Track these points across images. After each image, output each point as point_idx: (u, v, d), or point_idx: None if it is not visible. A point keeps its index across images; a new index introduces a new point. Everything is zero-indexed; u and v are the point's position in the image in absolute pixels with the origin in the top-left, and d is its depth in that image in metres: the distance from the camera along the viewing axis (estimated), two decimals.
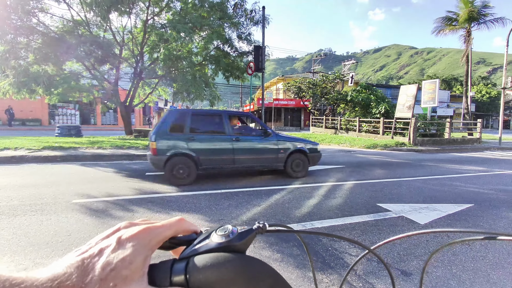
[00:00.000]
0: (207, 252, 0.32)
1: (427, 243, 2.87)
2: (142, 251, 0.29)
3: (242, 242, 0.34)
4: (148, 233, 0.31)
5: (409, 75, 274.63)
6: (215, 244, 0.33)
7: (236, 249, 0.33)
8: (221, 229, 0.35)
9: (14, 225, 3.06)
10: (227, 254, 0.32)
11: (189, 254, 0.32)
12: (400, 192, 4.95)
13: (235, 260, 0.31)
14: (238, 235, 0.34)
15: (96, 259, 0.28)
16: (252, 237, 0.35)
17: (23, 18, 9.67)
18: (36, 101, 22.18)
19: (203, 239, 0.34)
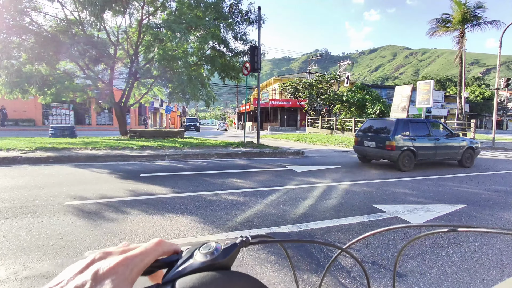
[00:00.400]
0: (192, 272, 0.31)
1: (421, 244, 2.88)
2: (123, 285, 0.26)
3: (227, 258, 0.33)
4: (127, 264, 0.28)
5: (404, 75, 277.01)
6: (199, 263, 0.32)
7: (222, 266, 0.32)
8: (204, 246, 0.34)
9: (5, 228, 3.01)
10: (213, 273, 0.31)
11: (173, 277, 0.30)
12: (395, 193, 4.97)
13: (222, 278, 0.30)
14: (223, 251, 0.33)
15: None
16: (237, 251, 0.34)
17: (16, 17, 9.55)
18: (29, 101, 21.94)
19: (186, 259, 0.33)
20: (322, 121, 22.84)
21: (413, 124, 7.71)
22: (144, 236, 2.85)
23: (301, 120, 37.09)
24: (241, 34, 12.74)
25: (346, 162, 8.59)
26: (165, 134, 13.87)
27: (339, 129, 20.07)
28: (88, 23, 11.62)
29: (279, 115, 38.53)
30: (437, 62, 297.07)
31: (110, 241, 2.77)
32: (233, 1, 12.33)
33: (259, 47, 11.40)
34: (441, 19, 20.77)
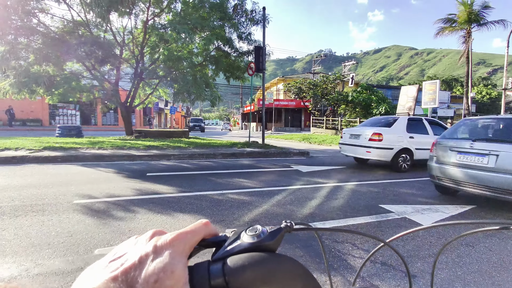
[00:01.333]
0: (240, 252, 0.32)
1: (431, 245, 2.86)
2: (180, 258, 0.28)
3: (273, 241, 0.34)
4: (182, 239, 0.30)
5: (409, 76, 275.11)
6: (247, 244, 0.32)
7: (268, 248, 0.33)
8: (250, 229, 0.35)
9: (16, 226, 3.05)
10: (262, 254, 0.32)
11: (223, 255, 0.32)
12: (402, 193, 4.93)
13: (271, 258, 0.31)
14: (269, 234, 0.34)
15: (137, 271, 0.26)
16: (282, 235, 0.35)
17: (24, 19, 9.68)
18: (37, 101, 22.22)
19: (233, 240, 0.34)
20: (326, 122, 22.76)
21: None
22: None
23: (306, 121, 36.99)
24: (245, 34, 12.75)
25: (352, 163, 8.55)
26: (170, 135, 13.95)
27: None
28: (94, 24, 11.74)
29: (283, 115, 38.50)
30: (442, 62, 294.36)
31: (119, 239, 2.79)
32: (238, 1, 12.36)
33: (264, 47, 11.40)
34: (447, 19, 20.60)
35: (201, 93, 12.52)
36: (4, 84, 10.21)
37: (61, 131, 12.89)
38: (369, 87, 22.06)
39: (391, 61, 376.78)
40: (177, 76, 11.81)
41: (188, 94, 12.66)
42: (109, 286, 0.25)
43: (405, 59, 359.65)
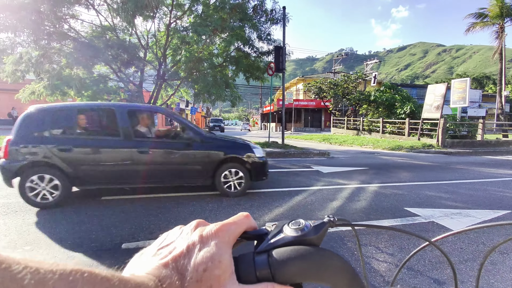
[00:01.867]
0: (285, 245, 0.32)
1: (461, 251, 2.71)
2: (226, 248, 0.29)
3: (317, 235, 0.33)
4: (226, 230, 0.31)
5: (436, 74, 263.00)
6: (291, 237, 0.32)
7: (311, 242, 0.32)
8: (293, 222, 0.34)
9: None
10: (307, 247, 0.31)
11: (267, 248, 0.32)
12: (429, 196, 4.71)
13: (316, 253, 0.31)
14: (313, 228, 0.33)
15: (186, 260, 0.27)
16: (325, 230, 0.34)
17: (56, 24, 10.26)
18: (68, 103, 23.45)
19: (276, 233, 0.34)
20: (347, 122, 22.25)
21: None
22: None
23: (326, 121, 36.39)
24: (265, 34, 12.75)
25: (374, 164, 8.29)
26: None
27: (366, 130, 19.43)
28: (120, 29, 12.23)
29: (303, 116, 38.11)
30: (473, 59, 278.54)
31: (143, 236, 2.87)
32: (258, 2, 12.38)
33: (284, 46, 11.35)
34: (478, 14, 19.48)
35: (221, 94, 12.66)
36: (38, 86, 10.89)
37: None
38: (392, 86, 21.29)
39: (417, 59, 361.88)
40: (198, 77, 12.03)
41: (209, 95, 12.85)
42: (161, 272, 0.26)
43: (431, 56, 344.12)
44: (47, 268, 0.19)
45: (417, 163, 8.66)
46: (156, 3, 9.60)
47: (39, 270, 0.19)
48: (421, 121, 14.16)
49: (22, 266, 0.18)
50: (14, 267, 0.18)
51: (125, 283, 0.22)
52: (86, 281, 0.20)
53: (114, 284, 0.21)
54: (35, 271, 0.18)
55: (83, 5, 11.00)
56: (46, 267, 0.19)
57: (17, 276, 0.18)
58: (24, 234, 2.83)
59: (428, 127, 14.15)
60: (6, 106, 23.82)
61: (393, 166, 8.05)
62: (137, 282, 0.23)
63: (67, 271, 0.20)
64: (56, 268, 0.20)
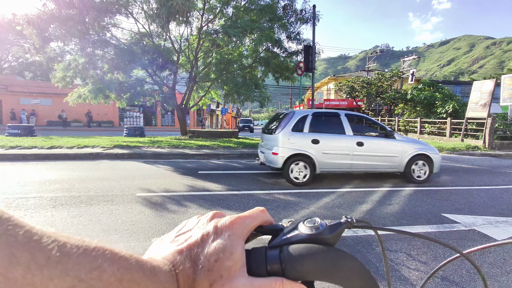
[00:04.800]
0: (298, 242, 0.32)
1: (504, 262, 2.47)
2: (238, 241, 0.30)
3: (333, 235, 0.32)
4: (240, 223, 0.32)
5: (484, 69, 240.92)
6: (305, 235, 0.32)
7: (326, 241, 0.32)
8: (309, 220, 0.34)
9: (90, 213, 3.53)
10: (321, 246, 0.31)
11: (280, 243, 0.32)
12: (472, 202, 4.35)
13: (330, 252, 0.31)
14: (328, 227, 0.33)
15: (200, 249, 0.29)
16: (341, 231, 0.33)
17: (99, 33, 11.12)
18: (109, 105, 25.20)
19: (291, 230, 0.34)
20: (382, 122, 21.25)
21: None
22: None
23: None
24: (294, 34, 12.66)
25: None
26: (220, 135, 14.56)
27: (402, 131, 18.40)
28: (156, 34, 12.90)
29: None
30: None
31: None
32: (287, 2, 12.33)
33: (313, 46, 11.17)
34: None
35: (250, 94, 12.81)
36: (84, 90, 11.87)
37: (127, 132, 14.47)
38: (432, 83, 19.90)
39: (461, 54, 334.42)
40: (228, 79, 12.28)
41: (238, 96, 13.07)
42: (176, 258, 0.28)
43: (479, 50, 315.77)
44: (73, 243, 0.21)
45: (459, 165, 8.02)
46: (188, 8, 9.97)
47: (66, 244, 0.21)
48: (465, 121, 13.07)
49: (52, 239, 0.20)
50: (44, 239, 0.20)
51: (142, 264, 0.25)
52: (107, 258, 0.22)
53: (132, 264, 0.24)
54: (62, 245, 0.21)
55: (123, 14, 11.76)
56: (73, 242, 0.21)
57: (45, 248, 0.20)
58: (68, 225, 3.12)
59: (473, 127, 13.03)
60: (57, 109, 26.20)
61: None
62: (153, 264, 0.26)
63: (91, 247, 0.22)
64: (82, 244, 0.22)
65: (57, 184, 4.88)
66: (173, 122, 31.11)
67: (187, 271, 0.27)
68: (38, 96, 26.77)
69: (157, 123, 31.06)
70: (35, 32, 9.22)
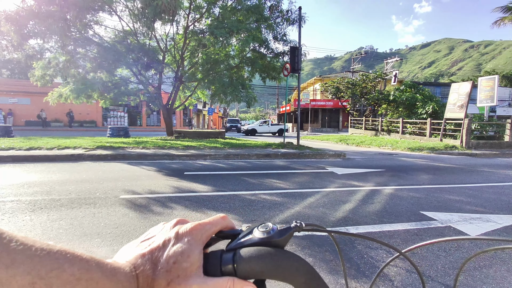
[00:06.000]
0: (251, 245, 0.36)
1: (477, 257, 2.60)
2: (197, 245, 0.34)
3: (282, 238, 0.37)
4: (200, 229, 0.35)
5: (463, 71, 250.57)
6: (257, 238, 0.36)
7: (276, 244, 0.36)
8: (262, 226, 0.38)
9: (71, 216, 3.44)
10: (269, 248, 0.35)
11: (235, 246, 0.36)
12: (449, 200, 4.55)
13: (277, 253, 0.35)
14: (278, 232, 0.37)
15: (161, 252, 0.32)
16: (291, 234, 0.38)
17: (81, 30, 10.81)
18: (92, 105, 24.51)
19: (246, 234, 0.38)
20: (366, 122, 21.74)
21: None
22: None
23: (343, 121, 35.71)
24: (281, 34, 12.77)
25: (392, 165, 8.07)
26: (207, 135, 14.48)
27: (385, 131, 18.90)
28: (141, 33, 12.68)
29: (320, 116, 37.61)
30: (503, 55, 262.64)
31: None
32: (274, 2, 12.41)
33: (299, 47, 11.30)
34: (507, 7, 18.39)
35: (237, 94, 12.82)
36: (65, 90, 11.51)
37: (111, 132, 14.14)
38: (414, 85, 20.56)
39: (442, 56, 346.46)
40: (214, 79, 12.24)
41: (224, 96, 13.05)
42: (137, 260, 0.31)
43: (458, 53, 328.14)
44: (38, 246, 0.25)
45: (438, 164, 8.34)
46: (174, 7, 9.86)
47: (31, 248, 0.24)
48: (443, 122, 13.59)
49: (19, 243, 0.23)
50: (12, 244, 0.23)
51: (102, 265, 0.28)
52: (68, 259, 0.25)
53: (91, 265, 0.27)
54: (28, 248, 0.24)
55: (107, 12, 11.49)
56: (38, 245, 0.25)
57: (12, 250, 0.23)
58: (47, 230, 3.04)
59: (451, 127, 13.56)
60: (36, 109, 25.24)
61: (412, 167, 7.80)
62: (114, 266, 0.29)
63: (54, 250, 0.25)
64: (46, 247, 0.25)
65: (36, 187, 4.73)
66: (159, 122, 30.64)
67: (147, 271, 0.30)
68: (16, 95, 25.72)
69: (143, 124, 30.49)
70: (13, 29, 8.86)
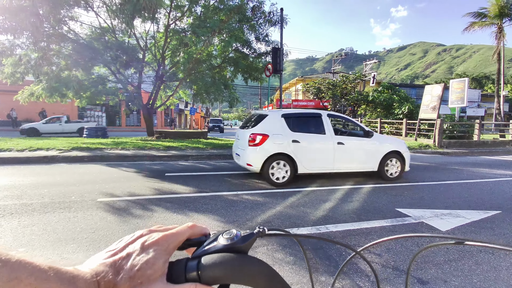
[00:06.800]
0: (215, 252, 0.37)
1: (447, 251, 2.76)
2: (162, 255, 0.35)
3: (245, 244, 0.39)
4: (166, 240, 0.37)
5: (436, 73, 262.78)
6: (221, 245, 0.38)
7: (240, 250, 0.38)
8: (226, 232, 0.40)
9: (44, 221, 3.30)
10: (231, 254, 0.37)
11: (200, 254, 0.38)
12: (422, 197, 4.77)
13: (238, 259, 0.37)
14: (241, 238, 0.39)
15: (125, 261, 0.34)
16: (253, 240, 0.40)
17: (55, 26, 10.32)
18: (67, 104, 23.47)
19: (211, 241, 0.39)
20: None
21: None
22: None
23: None
24: (263, 35, 12.82)
25: None
26: (189, 135, 14.29)
27: None
28: (119, 30, 12.29)
29: None
30: (473, 58, 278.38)
31: None
32: (256, 3, 12.44)
33: (281, 48, 11.40)
34: (477, 13, 19.52)
35: (220, 94, 12.74)
36: (37, 88, 10.95)
37: (88, 132, 13.60)
38: (390, 86, 21.36)
39: (417, 59, 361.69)
40: (196, 78, 12.09)
41: (207, 95, 12.92)
42: (100, 268, 0.32)
43: (431, 56, 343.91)
44: None
45: (413, 163, 8.71)
46: (155, 5, 9.64)
47: None
48: (418, 122, 14.21)
49: None
50: None
51: (61, 274, 0.29)
52: (26, 269, 0.26)
53: (49, 275, 0.28)
54: None
55: (82, 7, 11.05)
56: None
57: None
58: (19, 236, 2.89)
59: (425, 127, 14.20)
60: (5, 107, 23.84)
61: None
62: (74, 274, 0.30)
63: (13, 260, 0.26)
64: (5, 257, 0.25)
65: (6, 191, 4.48)
66: (139, 122, 29.84)
67: (109, 278, 0.32)
68: None
69: (122, 123, 29.58)
70: None
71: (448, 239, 0.45)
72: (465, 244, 0.43)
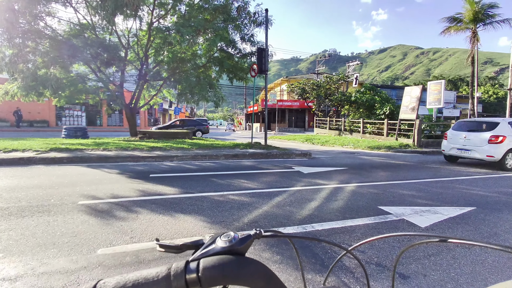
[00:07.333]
0: (214, 254, 0.38)
1: (427, 247, 2.89)
2: None
3: (243, 246, 0.40)
4: None
5: (415, 75, 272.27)
6: (220, 248, 0.39)
7: (238, 252, 0.39)
8: (224, 235, 0.41)
9: (22, 226, 3.16)
10: (230, 256, 0.38)
11: (199, 257, 0.39)
12: (403, 195, 4.95)
13: (237, 261, 0.38)
14: (239, 240, 0.40)
15: None
16: (251, 241, 0.41)
17: (31, 22, 9.88)
18: (44, 103, 22.51)
19: (209, 244, 0.41)
20: (330, 122, 22.72)
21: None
22: (153, 235, 2.95)
23: (309, 121, 36.94)
24: (248, 35, 12.84)
25: (354, 164, 8.56)
26: (174, 135, 14.08)
27: (347, 131, 19.92)
28: (100, 27, 11.93)
29: (287, 116, 38.49)
30: (449, 61, 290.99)
31: (121, 239, 2.88)
32: (241, 3, 12.44)
33: (266, 49, 11.46)
34: (453, 18, 20.42)
35: (205, 94, 12.64)
36: (12, 86, 10.44)
37: (67, 133, 13.11)
38: (372, 87, 21.97)
39: (397, 61, 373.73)
40: (181, 78, 11.94)
41: (192, 95, 12.79)
42: None
43: (410, 58, 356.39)
44: None
45: (393, 162, 9.02)
46: (137, 2, 9.44)
47: None
48: (398, 122, 14.70)
49: None
50: None
51: None
52: None
53: None
54: None
55: (60, 3, 10.66)
56: None
57: None
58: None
59: (405, 127, 14.71)
60: None
61: (371, 165, 8.35)
62: None
63: None
64: None
65: None
66: (121, 122, 29.07)
67: None
68: None
69: (103, 123, 28.70)
70: None
71: (432, 237, 0.48)
72: (448, 242, 0.46)
